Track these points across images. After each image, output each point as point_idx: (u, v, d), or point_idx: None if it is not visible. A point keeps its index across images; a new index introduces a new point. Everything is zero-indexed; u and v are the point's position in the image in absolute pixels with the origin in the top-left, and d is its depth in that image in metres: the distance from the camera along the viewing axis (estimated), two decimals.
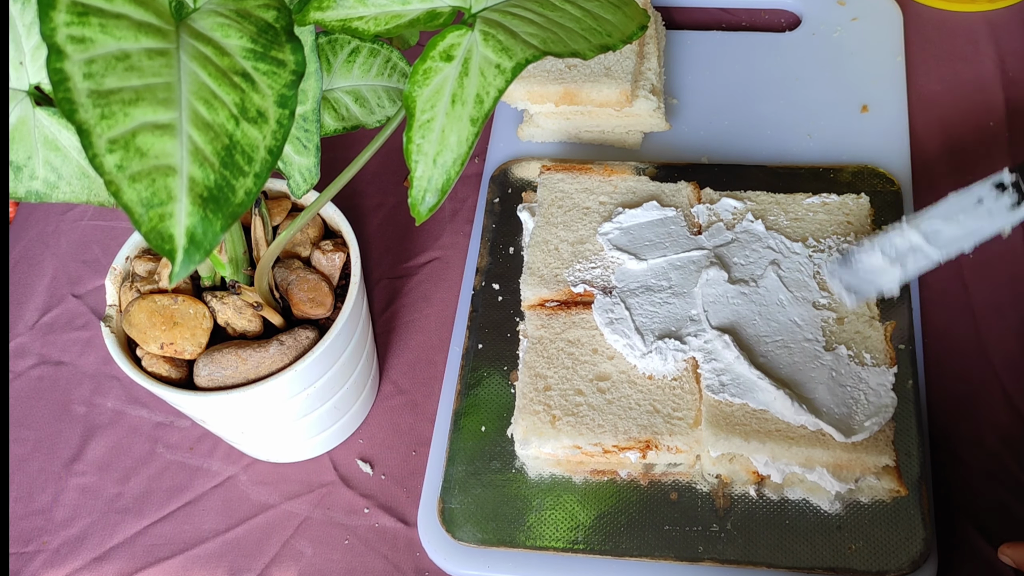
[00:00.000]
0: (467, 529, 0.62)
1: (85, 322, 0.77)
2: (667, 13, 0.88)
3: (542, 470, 0.64)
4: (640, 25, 0.53)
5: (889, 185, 0.73)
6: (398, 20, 0.49)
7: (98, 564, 0.66)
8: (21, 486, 0.69)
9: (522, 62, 0.46)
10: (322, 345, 0.58)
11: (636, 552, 0.61)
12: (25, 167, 0.51)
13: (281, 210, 0.64)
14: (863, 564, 0.58)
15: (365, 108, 0.60)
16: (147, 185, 0.37)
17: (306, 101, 0.54)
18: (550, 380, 0.64)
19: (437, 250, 0.78)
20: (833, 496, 0.61)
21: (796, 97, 0.81)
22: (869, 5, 0.86)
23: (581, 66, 0.77)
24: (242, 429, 0.63)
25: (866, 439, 0.59)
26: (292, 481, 0.68)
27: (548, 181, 0.73)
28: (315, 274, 0.62)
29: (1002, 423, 0.65)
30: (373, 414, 0.70)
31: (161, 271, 0.61)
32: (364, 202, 0.81)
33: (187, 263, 0.37)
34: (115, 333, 0.60)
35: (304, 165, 0.56)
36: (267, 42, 0.42)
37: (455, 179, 0.46)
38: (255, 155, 0.40)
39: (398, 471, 0.68)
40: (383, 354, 0.73)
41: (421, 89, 0.46)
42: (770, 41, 0.85)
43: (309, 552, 0.65)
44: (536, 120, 0.80)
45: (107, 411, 0.72)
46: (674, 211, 0.70)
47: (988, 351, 0.68)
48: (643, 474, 0.63)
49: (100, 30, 0.38)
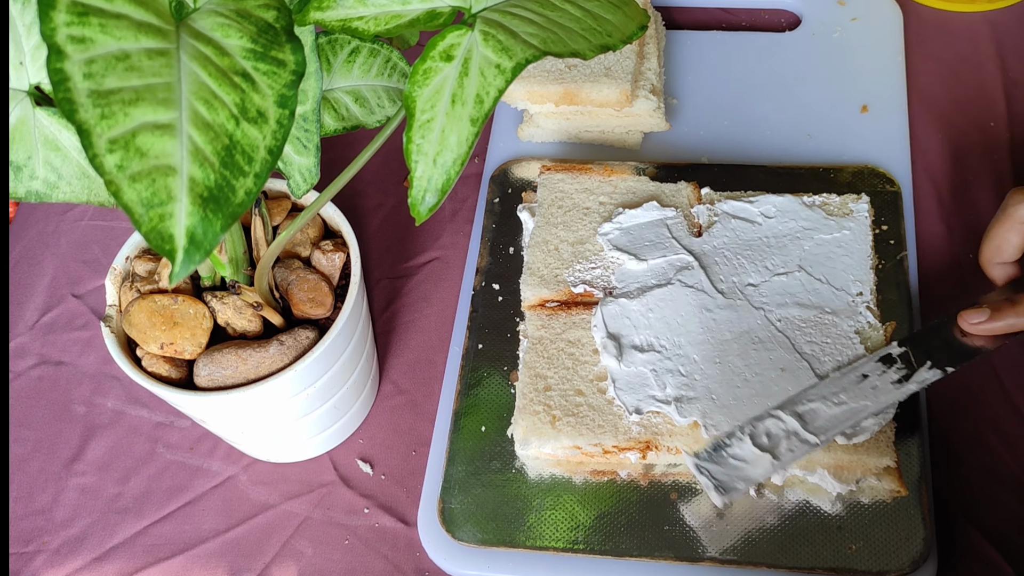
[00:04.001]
0: (467, 529, 0.62)
1: (85, 322, 0.77)
2: (667, 13, 0.88)
3: (542, 470, 0.64)
4: (640, 25, 0.53)
5: (889, 185, 0.73)
6: (398, 20, 0.49)
7: (98, 564, 0.66)
8: (21, 486, 0.69)
9: (522, 62, 0.46)
10: (322, 345, 0.58)
11: (636, 552, 0.61)
12: (25, 167, 0.51)
13: (281, 210, 0.64)
14: (863, 564, 0.58)
15: (365, 108, 0.60)
16: (147, 185, 0.37)
17: (306, 101, 0.54)
18: (550, 380, 0.64)
19: (437, 250, 0.78)
20: (834, 497, 0.61)
21: (796, 97, 0.81)
22: (869, 5, 0.86)
23: (581, 66, 0.77)
24: (242, 429, 0.63)
25: (867, 440, 0.59)
26: (292, 481, 0.68)
27: (548, 181, 0.73)
28: (315, 274, 0.62)
29: (1002, 423, 0.65)
30: (373, 414, 0.70)
31: (161, 271, 0.61)
32: (364, 202, 0.81)
33: (187, 263, 0.37)
34: (115, 333, 0.60)
35: (304, 165, 0.56)
36: (267, 42, 0.42)
37: (455, 179, 0.46)
38: (255, 155, 0.40)
39: (398, 471, 0.68)
40: (383, 354, 0.73)
41: (421, 89, 0.46)
42: (770, 41, 0.85)
43: (309, 552, 0.65)
44: (536, 120, 0.80)
45: (107, 411, 0.72)
46: (674, 211, 0.70)
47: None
48: (643, 474, 0.63)
49: (100, 30, 0.38)
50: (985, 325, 0.59)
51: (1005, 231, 0.59)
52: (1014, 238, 0.59)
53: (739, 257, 0.68)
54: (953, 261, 0.72)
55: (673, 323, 0.65)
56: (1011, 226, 0.59)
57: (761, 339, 0.64)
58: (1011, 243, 0.59)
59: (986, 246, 0.61)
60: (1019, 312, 0.59)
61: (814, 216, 0.69)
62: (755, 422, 0.59)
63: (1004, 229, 0.59)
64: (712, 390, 0.62)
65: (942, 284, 0.71)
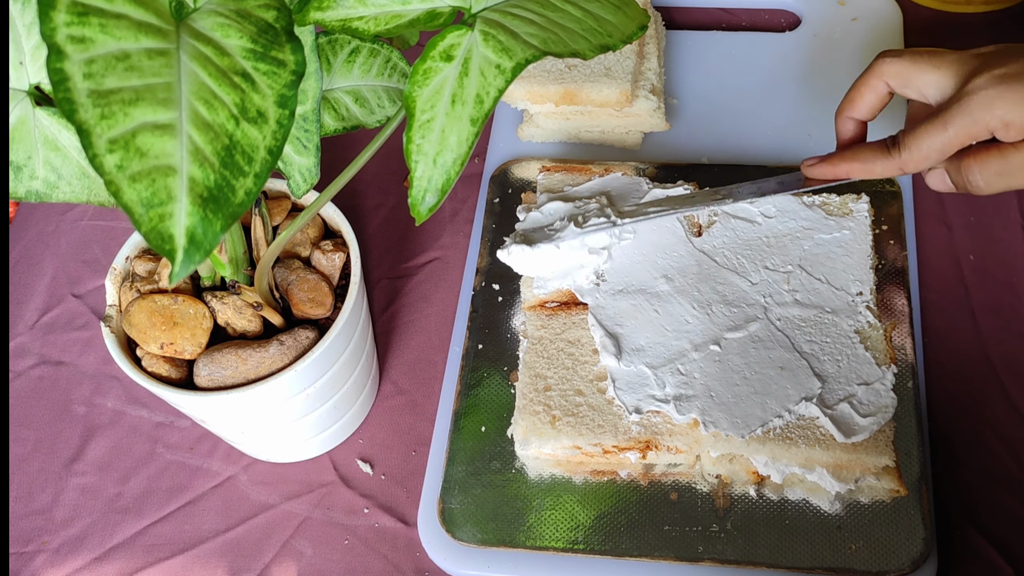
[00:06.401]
0: (467, 529, 0.62)
1: (85, 322, 0.77)
2: (667, 13, 0.88)
3: (542, 470, 0.64)
4: (640, 25, 0.53)
5: (889, 185, 0.73)
6: (398, 20, 0.49)
7: (98, 564, 0.66)
8: (21, 486, 0.69)
9: (522, 62, 0.46)
10: (322, 345, 0.58)
11: (636, 552, 0.61)
12: (25, 167, 0.51)
13: (281, 210, 0.64)
14: (863, 564, 0.58)
15: (365, 108, 0.60)
16: (147, 185, 0.37)
17: (306, 101, 0.54)
18: (550, 380, 0.64)
19: (437, 250, 0.78)
20: (833, 496, 0.61)
21: (796, 97, 0.81)
22: (869, 5, 0.86)
23: (581, 66, 0.77)
24: (242, 429, 0.63)
25: (866, 439, 0.60)
26: (292, 481, 0.68)
27: (548, 182, 0.74)
28: (315, 274, 0.62)
29: (1002, 423, 0.65)
30: (373, 414, 0.70)
31: (161, 271, 0.61)
32: (364, 202, 0.81)
33: (187, 263, 0.37)
34: (115, 333, 0.60)
35: (304, 165, 0.56)
36: (267, 42, 0.42)
37: (455, 179, 0.46)
38: (255, 155, 0.40)
39: (398, 471, 0.68)
40: (383, 354, 0.73)
41: (421, 89, 0.46)
42: (770, 41, 0.85)
43: (309, 552, 0.65)
44: (536, 120, 0.80)
45: (107, 411, 0.72)
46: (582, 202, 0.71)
47: (988, 351, 0.68)
48: (643, 474, 0.63)
49: (100, 30, 0.38)
50: (817, 168, 0.61)
51: (862, 86, 0.60)
52: (868, 94, 0.60)
53: (739, 256, 0.68)
54: (953, 261, 0.72)
55: (673, 322, 0.65)
56: (868, 81, 0.60)
57: (761, 338, 0.64)
58: (865, 99, 0.60)
59: (844, 99, 0.62)
60: (846, 157, 0.60)
61: (814, 216, 0.69)
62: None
63: (862, 83, 0.60)
64: (711, 388, 0.62)
65: (942, 284, 0.71)
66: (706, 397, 0.62)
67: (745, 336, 0.64)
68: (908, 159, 0.56)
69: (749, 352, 0.63)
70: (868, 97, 0.60)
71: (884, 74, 0.59)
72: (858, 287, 0.66)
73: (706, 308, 0.66)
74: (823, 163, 0.61)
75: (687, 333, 0.65)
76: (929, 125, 0.55)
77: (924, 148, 0.55)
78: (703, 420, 0.61)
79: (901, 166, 0.57)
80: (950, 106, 0.54)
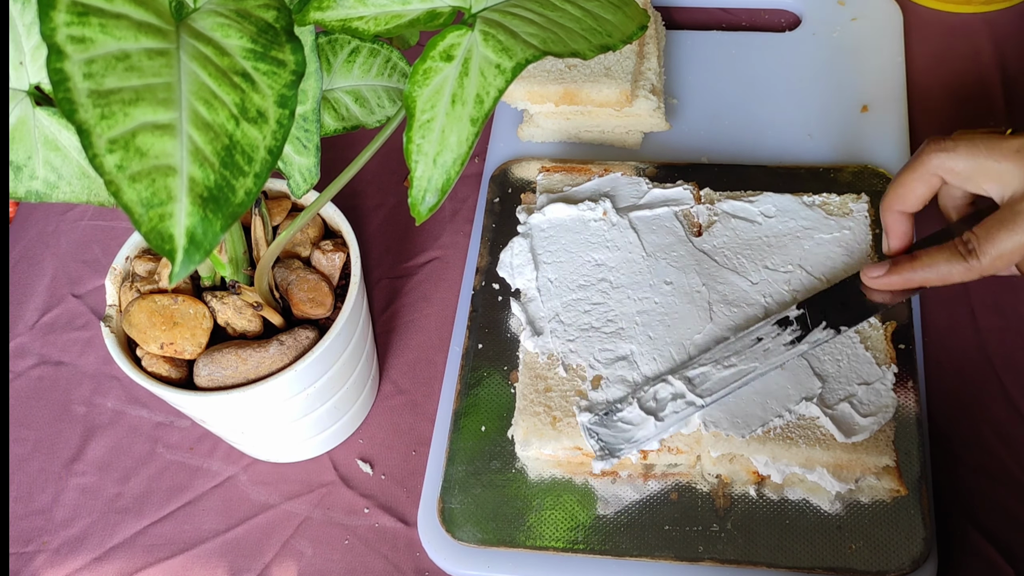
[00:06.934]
0: (467, 529, 0.62)
1: (85, 322, 0.77)
2: (667, 13, 0.88)
3: (542, 471, 0.64)
4: (640, 25, 0.53)
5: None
6: (398, 20, 0.49)
7: (98, 564, 0.66)
8: (21, 486, 0.69)
9: (522, 62, 0.46)
10: (322, 345, 0.58)
11: (636, 552, 0.61)
12: (25, 167, 0.51)
13: (281, 210, 0.64)
14: (863, 564, 0.58)
15: (365, 108, 0.60)
16: (147, 185, 0.37)
17: (306, 101, 0.54)
18: (550, 381, 0.64)
19: (437, 250, 0.78)
20: (833, 496, 0.61)
21: (796, 97, 0.81)
22: (869, 5, 0.86)
23: (581, 66, 0.77)
24: (242, 429, 0.63)
25: (866, 439, 0.60)
26: (292, 481, 0.68)
27: (547, 182, 0.74)
28: (315, 274, 0.62)
29: (1002, 423, 0.65)
30: (373, 414, 0.70)
31: (161, 271, 0.61)
32: (364, 202, 0.81)
33: (187, 263, 0.37)
34: (115, 333, 0.60)
35: (304, 165, 0.56)
36: (267, 42, 0.42)
37: (455, 179, 0.46)
38: (255, 155, 0.40)
39: (398, 471, 0.68)
40: (383, 354, 0.73)
41: (421, 89, 0.46)
42: (770, 41, 0.85)
43: (309, 552, 0.65)
44: (536, 120, 0.80)
45: (107, 411, 0.72)
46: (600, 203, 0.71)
47: (988, 351, 0.68)
48: (643, 474, 0.63)
49: (100, 30, 0.38)
50: (884, 279, 0.59)
51: (913, 180, 0.57)
52: (920, 188, 0.57)
53: (739, 256, 0.68)
54: None
55: (673, 323, 0.65)
56: (920, 175, 0.57)
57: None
58: (916, 193, 0.58)
59: (891, 191, 0.59)
60: (916, 267, 0.58)
61: (814, 216, 0.69)
62: (646, 387, 0.60)
63: (913, 178, 0.57)
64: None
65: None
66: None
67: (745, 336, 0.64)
68: (988, 266, 0.54)
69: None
70: (920, 191, 0.58)
71: (938, 169, 0.56)
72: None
73: (705, 308, 0.66)
74: (891, 274, 0.58)
75: (687, 333, 0.65)
76: (1005, 230, 0.53)
77: (1006, 255, 0.53)
78: (703, 420, 0.61)
79: (981, 272, 0.55)
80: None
